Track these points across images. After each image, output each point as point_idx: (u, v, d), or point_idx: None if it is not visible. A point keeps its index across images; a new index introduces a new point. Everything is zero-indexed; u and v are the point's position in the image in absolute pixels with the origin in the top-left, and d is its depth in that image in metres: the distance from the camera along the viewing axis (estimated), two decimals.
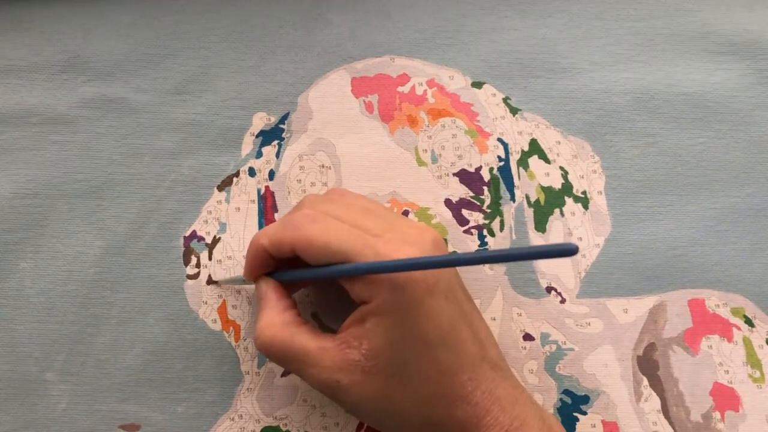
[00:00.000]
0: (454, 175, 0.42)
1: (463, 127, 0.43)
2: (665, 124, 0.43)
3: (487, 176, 0.42)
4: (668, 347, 0.40)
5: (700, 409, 0.40)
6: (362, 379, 0.32)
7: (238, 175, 0.42)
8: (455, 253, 0.41)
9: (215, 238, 0.41)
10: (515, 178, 0.42)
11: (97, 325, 0.40)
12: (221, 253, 0.40)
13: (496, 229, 0.41)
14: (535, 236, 0.41)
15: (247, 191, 0.41)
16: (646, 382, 0.40)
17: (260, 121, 0.42)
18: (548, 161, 0.42)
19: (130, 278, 0.40)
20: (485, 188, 0.42)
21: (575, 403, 0.39)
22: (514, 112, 0.43)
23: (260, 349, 0.34)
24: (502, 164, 0.42)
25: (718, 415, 0.39)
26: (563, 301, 0.41)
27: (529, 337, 0.40)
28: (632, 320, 0.41)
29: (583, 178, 0.42)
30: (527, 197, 0.42)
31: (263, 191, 0.41)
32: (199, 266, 0.40)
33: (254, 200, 0.41)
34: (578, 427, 0.39)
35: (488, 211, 0.42)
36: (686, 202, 0.42)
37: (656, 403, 0.40)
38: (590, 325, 0.40)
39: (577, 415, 0.39)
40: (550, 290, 0.41)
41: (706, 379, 0.40)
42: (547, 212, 0.42)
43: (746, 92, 0.44)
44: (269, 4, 0.44)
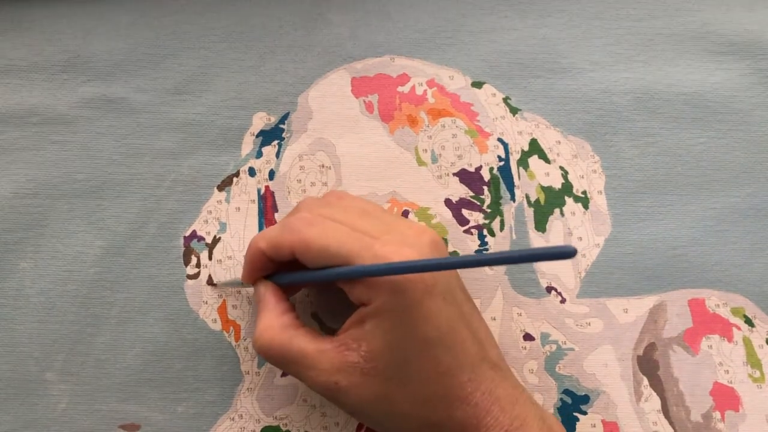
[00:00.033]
0: (454, 174, 0.42)
1: (463, 127, 0.43)
2: (665, 124, 0.43)
3: (487, 176, 0.42)
4: (668, 347, 0.40)
5: (700, 409, 0.40)
6: (361, 381, 0.32)
7: (238, 175, 0.42)
8: (455, 254, 0.41)
9: (215, 237, 0.41)
10: (515, 177, 0.42)
11: (97, 325, 0.40)
12: (221, 252, 0.40)
13: (496, 228, 0.41)
14: (535, 236, 0.41)
15: (247, 191, 0.41)
16: (646, 381, 0.40)
17: (260, 121, 0.42)
18: (548, 161, 0.42)
19: (130, 278, 0.40)
20: (485, 188, 0.42)
21: (575, 403, 0.39)
22: (514, 112, 0.43)
23: (259, 352, 0.34)
24: (502, 164, 0.42)
25: (718, 414, 0.39)
26: (563, 300, 0.41)
27: (529, 337, 0.40)
28: (632, 320, 0.41)
29: (583, 177, 0.42)
30: (527, 197, 0.42)
31: (263, 191, 0.41)
32: (199, 266, 0.40)
33: (254, 200, 0.41)
34: (578, 427, 0.39)
35: (488, 210, 0.41)
36: (686, 202, 0.42)
37: (656, 402, 0.40)
38: (590, 325, 0.40)
39: (577, 415, 0.39)
40: (550, 290, 0.41)
41: (706, 378, 0.40)
42: (547, 212, 0.42)
43: (746, 92, 0.44)
44: (269, 4, 0.44)
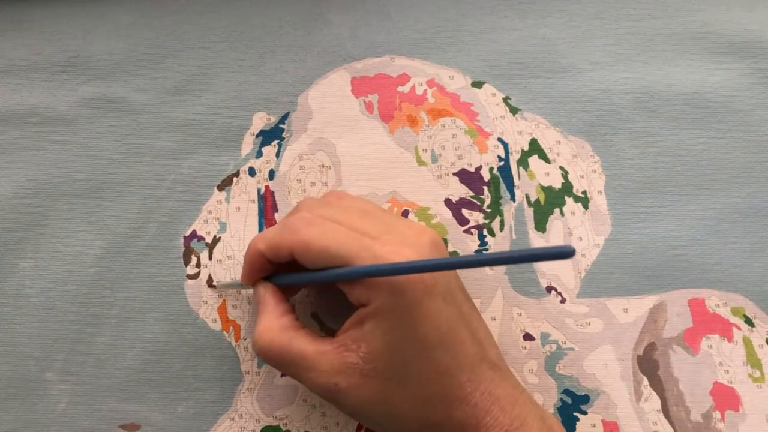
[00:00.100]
0: (454, 174, 0.42)
1: (463, 126, 0.42)
2: (665, 124, 0.43)
3: (487, 176, 0.42)
4: (668, 347, 0.40)
5: (700, 408, 0.40)
6: (361, 382, 0.32)
7: (238, 174, 0.42)
8: (455, 254, 0.41)
9: (215, 237, 0.41)
10: (515, 177, 0.42)
11: (97, 324, 0.40)
12: (221, 252, 0.40)
13: (496, 228, 0.41)
14: (535, 236, 0.41)
15: (247, 191, 0.41)
16: (646, 381, 0.40)
17: (260, 120, 0.42)
18: (548, 161, 0.42)
19: (130, 278, 0.40)
20: (485, 188, 0.42)
21: (575, 402, 0.39)
22: (514, 111, 0.43)
23: (258, 353, 0.34)
24: (502, 164, 0.42)
25: (718, 414, 0.39)
26: (563, 300, 0.41)
27: (529, 336, 0.40)
28: (632, 320, 0.41)
29: (583, 177, 0.42)
30: (527, 197, 0.42)
31: (263, 191, 0.41)
32: (199, 266, 0.40)
33: (254, 200, 0.41)
34: (578, 426, 0.39)
35: (488, 210, 0.41)
36: (686, 202, 0.42)
37: (656, 402, 0.40)
38: (590, 324, 0.40)
39: (577, 414, 0.39)
40: (550, 290, 0.41)
41: (706, 378, 0.40)
42: (547, 212, 0.42)
43: (746, 92, 0.44)
44: (269, 4, 0.44)
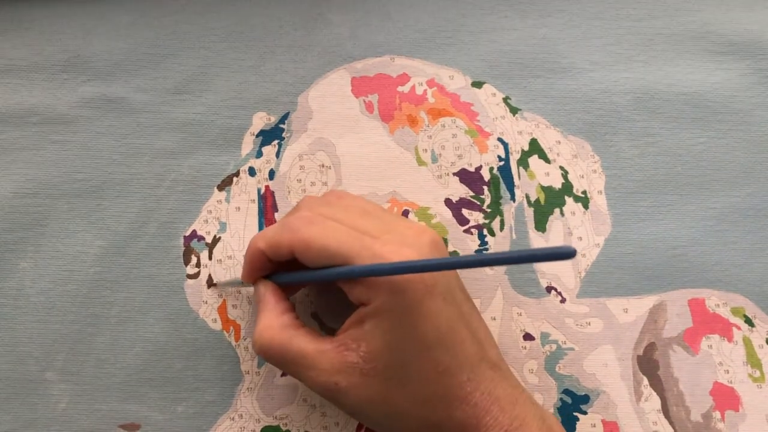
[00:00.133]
0: (454, 174, 0.42)
1: (463, 126, 0.43)
2: (665, 124, 0.43)
3: (487, 176, 0.42)
4: (668, 347, 0.40)
5: (700, 408, 0.40)
6: (361, 381, 0.32)
7: (238, 174, 0.42)
8: (455, 254, 0.41)
9: (215, 237, 0.41)
10: (515, 177, 0.42)
11: (97, 324, 0.40)
12: (221, 252, 0.40)
13: (496, 228, 0.41)
14: (535, 236, 0.41)
15: (247, 191, 0.41)
16: (646, 381, 0.40)
17: (260, 120, 0.42)
18: (548, 161, 0.42)
19: (130, 278, 0.40)
20: (485, 188, 0.42)
21: (575, 402, 0.39)
22: (514, 111, 0.43)
23: (258, 352, 0.34)
24: (502, 164, 0.42)
25: (718, 414, 0.39)
26: (563, 300, 0.41)
27: (529, 336, 0.40)
28: (632, 320, 0.41)
29: (583, 177, 0.42)
30: (527, 197, 0.42)
31: (263, 191, 0.41)
32: (199, 266, 0.40)
33: (254, 200, 0.41)
34: (578, 426, 0.39)
35: (488, 210, 0.41)
36: (686, 202, 0.42)
37: (656, 402, 0.40)
38: (590, 324, 0.40)
39: (577, 414, 0.39)
40: (550, 290, 0.41)
41: (706, 378, 0.40)
42: (547, 212, 0.42)
43: (746, 92, 0.44)
44: (269, 4, 0.44)
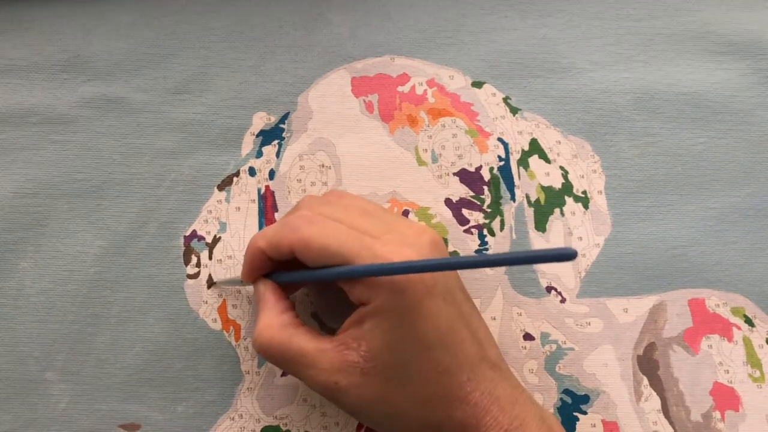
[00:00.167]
0: (454, 174, 0.42)
1: (463, 126, 0.43)
2: (665, 124, 0.43)
3: (487, 176, 0.42)
4: (668, 347, 0.40)
5: (700, 408, 0.40)
6: (361, 380, 0.32)
7: (238, 174, 0.42)
8: (455, 254, 0.41)
9: (215, 237, 0.41)
10: (515, 177, 0.42)
11: (97, 324, 0.40)
12: (221, 252, 0.40)
13: (496, 228, 0.41)
14: (535, 236, 0.41)
15: (247, 191, 0.41)
16: (646, 381, 0.40)
17: (260, 120, 0.42)
18: (548, 161, 0.42)
19: (130, 278, 0.40)
20: (485, 188, 0.42)
21: (575, 402, 0.39)
22: (514, 111, 0.43)
23: (258, 351, 0.34)
24: (502, 164, 0.42)
25: (718, 414, 0.39)
26: (563, 300, 0.41)
27: (529, 336, 0.40)
28: (632, 320, 0.41)
29: (583, 177, 0.42)
30: (527, 197, 0.42)
31: (263, 191, 0.41)
32: (199, 266, 0.40)
33: (254, 200, 0.41)
34: (578, 426, 0.39)
35: (488, 210, 0.41)
36: (686, 202, 0.42)
37: (656, 402, 0.40)
38: (590, 324, 0.40)
39: (577, 414, 0.39)
40: (550, 290, 0.41)
41: (706, 378, 0.40)
42: (547, 212, 0.42)
43: (746, 92, 0.44)
44: (269, 4, 0.44)
